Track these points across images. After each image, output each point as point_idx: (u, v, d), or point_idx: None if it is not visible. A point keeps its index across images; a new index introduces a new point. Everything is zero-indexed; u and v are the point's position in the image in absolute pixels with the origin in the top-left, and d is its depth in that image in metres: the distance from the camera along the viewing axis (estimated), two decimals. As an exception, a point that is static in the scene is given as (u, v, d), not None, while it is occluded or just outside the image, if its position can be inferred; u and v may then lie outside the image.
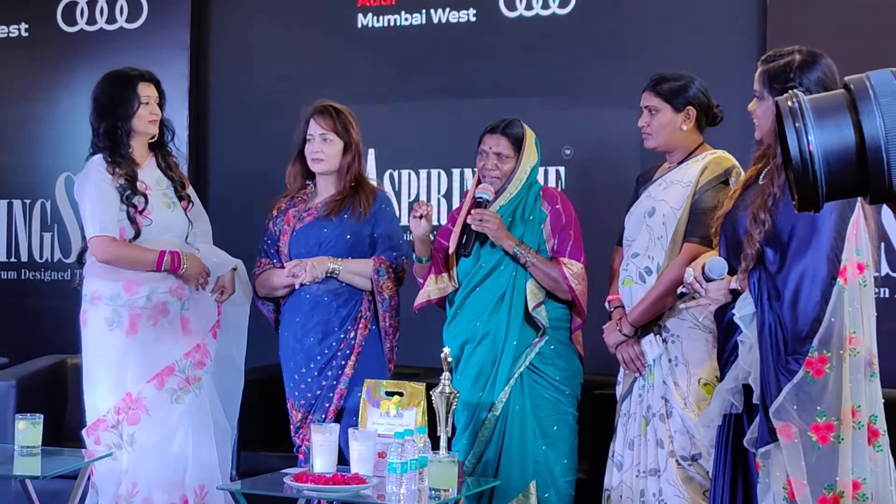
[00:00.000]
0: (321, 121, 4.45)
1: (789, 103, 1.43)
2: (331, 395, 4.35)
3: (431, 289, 4.32)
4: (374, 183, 4.69)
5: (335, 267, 4.37)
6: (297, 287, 4.42)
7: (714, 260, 3.47)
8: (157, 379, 4.34)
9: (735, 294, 3.45)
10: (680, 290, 3.70)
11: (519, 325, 4.18)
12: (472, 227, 4.17)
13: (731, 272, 3.46)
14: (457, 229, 4.28)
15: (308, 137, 4.46)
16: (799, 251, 3.30)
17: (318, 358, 4.38)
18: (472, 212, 4.20)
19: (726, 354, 3.53)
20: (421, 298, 4.33)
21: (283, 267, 4.49)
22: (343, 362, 4.36)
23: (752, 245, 3.37)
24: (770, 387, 3.29)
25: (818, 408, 3.23)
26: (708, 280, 3.47)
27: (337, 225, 4.42)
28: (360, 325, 4.40)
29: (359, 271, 4.39)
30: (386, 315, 4.42)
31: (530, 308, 4.17)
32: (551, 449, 4.17)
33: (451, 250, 4.28)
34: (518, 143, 4.29)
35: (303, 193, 4.56)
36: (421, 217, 4.22)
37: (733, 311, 3.42)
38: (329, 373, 4.36)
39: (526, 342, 4.18)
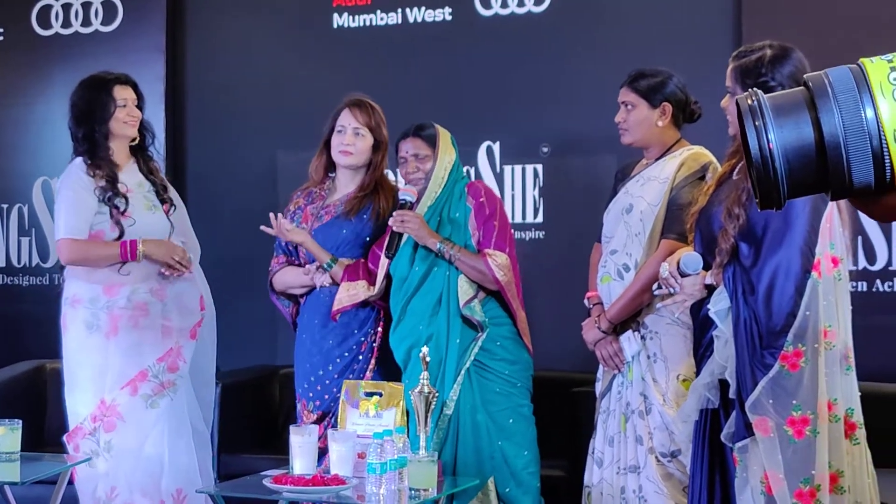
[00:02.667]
0: (357, 114, 4.39)
1: (749, 102, 1.44)
2: None
3: (342, 296, 4.30)
4: (394, 181, 4.65)
5: None
6: (317, 287, 4.38)
7: (689, 255, 3.47)
8: (131, 385, 4.32)
9: (710, 289, 3.46)
10: (655, 286, 3.70)
11: (460, 324, 4.17)
12: (394, 228, 4.17)
13: (707, 267, 3.47)
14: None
15: (339, 129, 4.40)
16: (773, 245, 3.31)
17: (338, 361, 4.34)
18: (394, 213, 4.20)
19: (702, 349, 3.54)
20: (335, 305, 4.31)
21: (300, 264, 4.46)
22: (364, 365, 4.33)
23: (726, 240, 3.38)
24: (746, 381, 3.30)
25: (794, 402, 3.24)
26: (683, 275, 3.48)
27: (355, 226, 4.38)
28: (380, 327, 4.36)
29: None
30: None
31: (460, 305, 4.17)
32: (508, 442, 4.16)
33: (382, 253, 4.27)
34: (432, 141, 4.30)
35: (321, 189, 4.49)
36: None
37: (708, 306, 3.43)
38: (350, 376, 4.29)
39: (469, 339, 4.17)
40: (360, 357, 4.34)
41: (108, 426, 4.30)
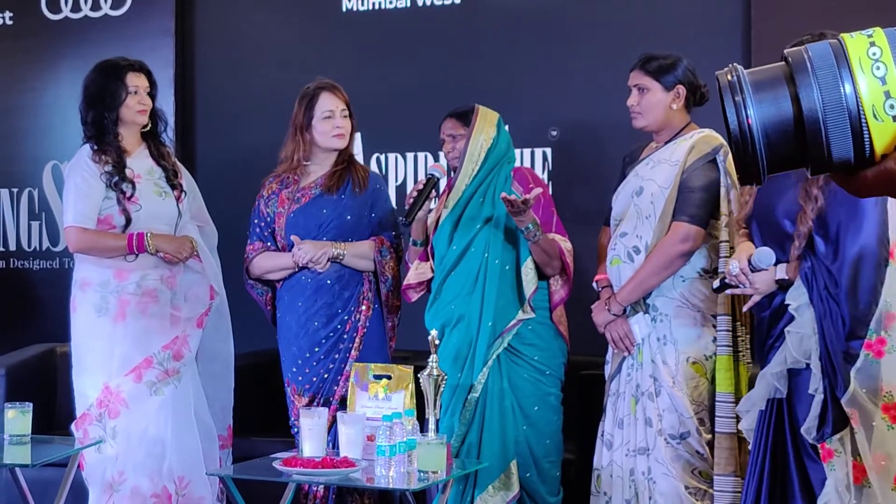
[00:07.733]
0: (339, 95, 4.43)
1: (728, 77, 1.44)
2: (338, 378, 4.31)
3: (411, 274, 4.35)
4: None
5: (339, 252, 4.34)
6: (296, 270, 4.38)
7: (762, 251, 3.48)
8: (136, 372, 4.33)
9: (780, 284, 3.49)
10: (716, 283, 3.68)
11: (493, 306, 4.15)
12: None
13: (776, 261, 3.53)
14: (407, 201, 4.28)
15: (327, 114, 4.39)
16: (851, 239, 3.37)
17: (323, 342, 4.35)
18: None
19: (772, 340, 3.57)
20: (405, 281, 4.37)
21: (278, 250, 4.46)
22: (349, 345, 4.34)
23: (804, 222, 3.43)
24: (837, 374, 3.33)
25: (884, 389, 3.28)
26: (754, 271, 3.49)
27: (336, 205, 4.38)
28: (364, 307, 4.38)
29: (362, 254, 4.37)
30: (389, 294, 4.41)
31: (527, 294, 4.15)
32: (532, 430, 4.17)
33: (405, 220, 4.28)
34: (468, 122, 4.29)
35: (294, 174, 4.48)
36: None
37: (787, 301, 3.47)
38: (336, 356, 4.33)
39: (502, 324, 4.16)
40: (345, 336, 4.34)
41: (112, 413, 4.31)
